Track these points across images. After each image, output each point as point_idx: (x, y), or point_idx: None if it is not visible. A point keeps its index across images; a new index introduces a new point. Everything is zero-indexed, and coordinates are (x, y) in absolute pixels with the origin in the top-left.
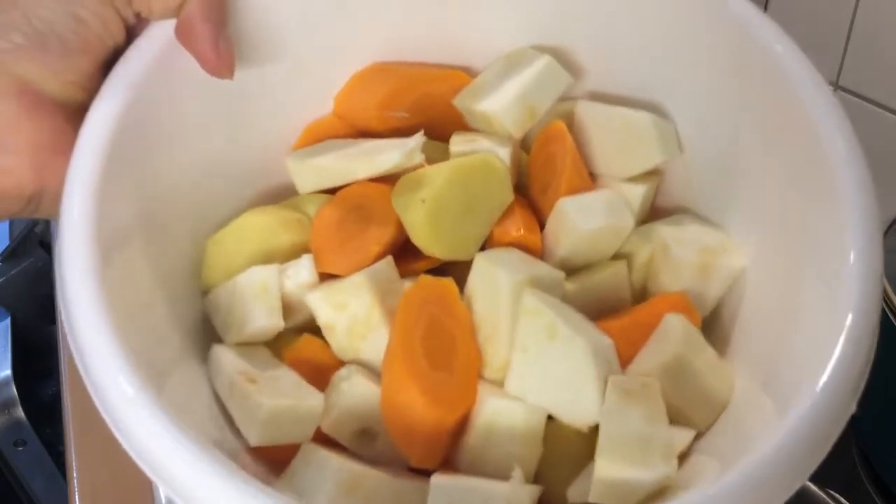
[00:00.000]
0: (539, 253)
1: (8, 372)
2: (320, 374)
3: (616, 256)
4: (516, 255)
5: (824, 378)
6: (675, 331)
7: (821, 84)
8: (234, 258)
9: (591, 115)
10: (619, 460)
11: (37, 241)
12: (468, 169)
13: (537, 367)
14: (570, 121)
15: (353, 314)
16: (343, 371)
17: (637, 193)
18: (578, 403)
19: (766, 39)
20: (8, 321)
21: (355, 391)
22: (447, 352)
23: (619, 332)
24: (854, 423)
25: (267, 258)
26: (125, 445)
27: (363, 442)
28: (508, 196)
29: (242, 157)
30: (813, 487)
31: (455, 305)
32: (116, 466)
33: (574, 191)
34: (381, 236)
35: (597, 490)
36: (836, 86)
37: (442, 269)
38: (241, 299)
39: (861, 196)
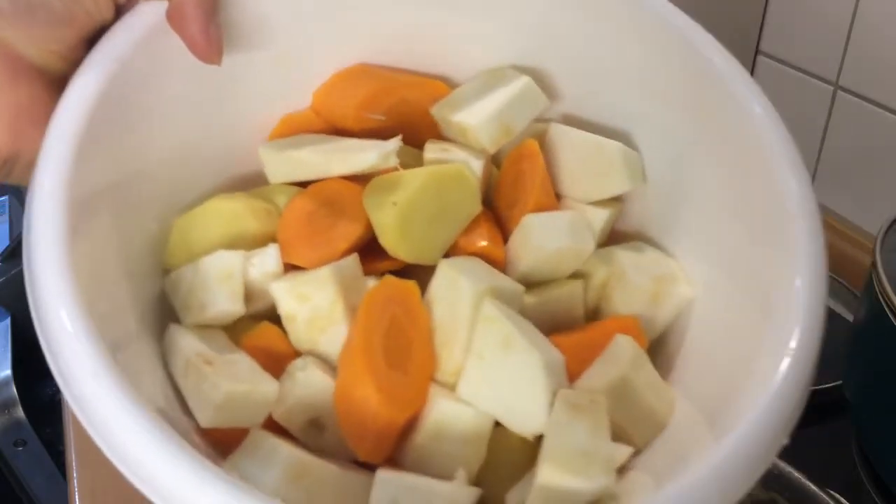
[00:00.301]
0: (501, 265)
1: (8, 372)
2: (275, 363)
3: (573, 275)
4: (479, 264)
5: (761, 408)
6: (624, 352)
7: (780, 126)
8: (199, 241)
9: (562, 138)
10: (562, 469)
11: None
12: (442, 177)
13: (490, 375)
14: (542, 141)
15: (316, 306)
16: (299, 361)
17: (600, 217)
18: (527, 413)
19: (731, 82)
20: (8, 321)
21: (310, 381)
22: (404, 352)
23: (569, 348)
24: (854, 424)
25: (232, 244)
26: (75, 408)
27: (312, 433)
28: (477, 207)
29: (217, 142)
30: (813, 487)
31: (416, 308)
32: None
33: (541, 209)
34: (349, 233)
35: (537, 496)
36: (836, 86)
37: (404, 271)
38: (204, 282)
39: (810, 238)
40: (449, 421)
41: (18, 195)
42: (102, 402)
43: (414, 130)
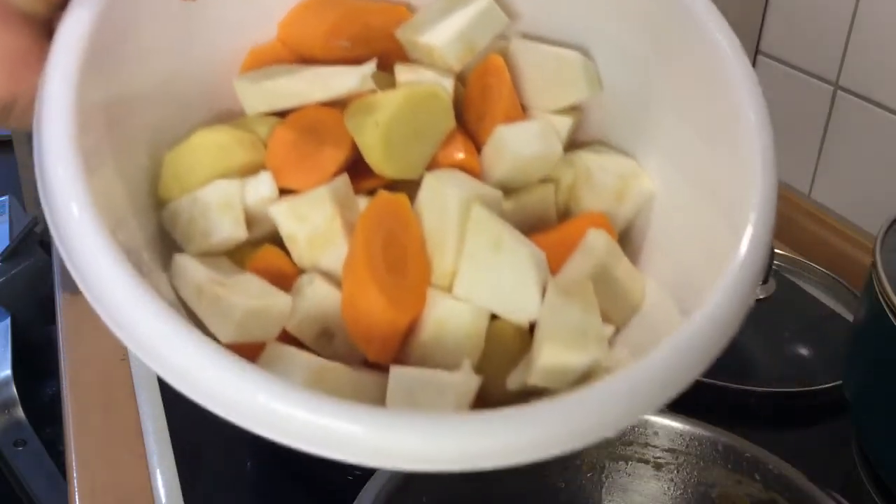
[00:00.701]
0: (478, 175)
1: (8, 372)
2: (281, 281)
3: (544, 180)
4: (460, 175)
5: (723, 289)
6: (598, 243)
7: (730, 34)
8: (190, 173)
9: (523, 53)
10: (560, 345)
11: (37, 241)
12: (418, 96)
13: (484, 273)
14: (504, 56)
15: (315, 225)
16: (305, 277)
17: (564, 124)
18: (521, 303)
19: None
20: (8, 321)
21: (318, 294)
22: (401, 261)
23: (547, 245)
24: (854, 424)
25: (224, 174)
26: (111, 325)
27: (323, 342)
28: (451, 123)
29: (194, 78)
30: (813, 487)
31: (408, 219)
32: (116, 466)
33: (509, 119)
34: (336, 156)
35: (538, 373)
36: (836, 86)
37: (388, 188)
38: (205, 211)
39: (761, 133)
40: (448, 318)
41: (18, 195)
42: (122, 294)
43: (380, 55)
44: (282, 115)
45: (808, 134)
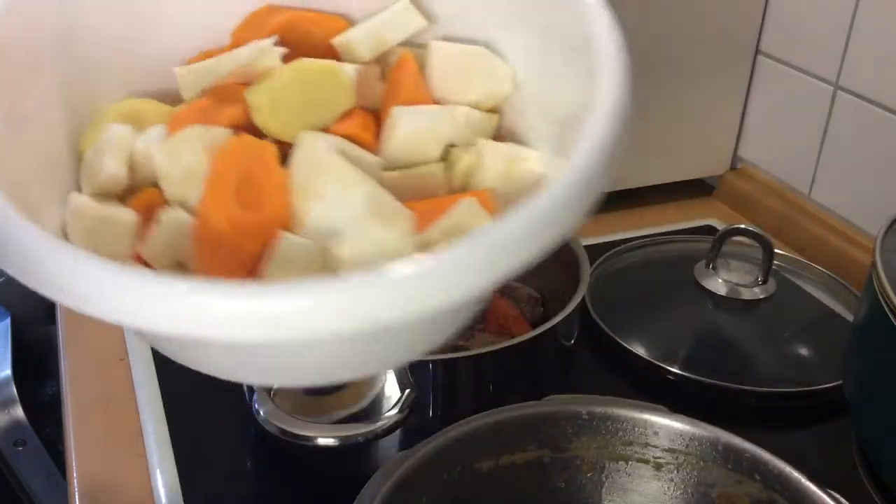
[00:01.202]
0: (371, 149)
1: (8, 372)
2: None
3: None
4: (341, 139)
5: (597, 138)
6: (464, 208)
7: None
8: (104, 128)
9: (437, 51)
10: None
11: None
12: (312, 70)
13: (331, 212)
14: (423, 57)
15: (187, 163)
16: (167, 208)
17: (467, 112)
18: (357, 237)
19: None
20: (8, 321)
21: (173, 223)
22: (257, 199)
23: (420, 210)
24: (854, 424)
25: (133, 124)
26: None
27: (176, 272)
28: (350, 102)
29: (148, 73)
30: (813, 487)
31: (271, 163)
32: (116, 466)
33: (410, 104)
34: (231, 114)
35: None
36: (836, 86)
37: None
38: (97, 154)
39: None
40: (293, 253)
41: None
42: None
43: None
44: None
45: (808, 134)
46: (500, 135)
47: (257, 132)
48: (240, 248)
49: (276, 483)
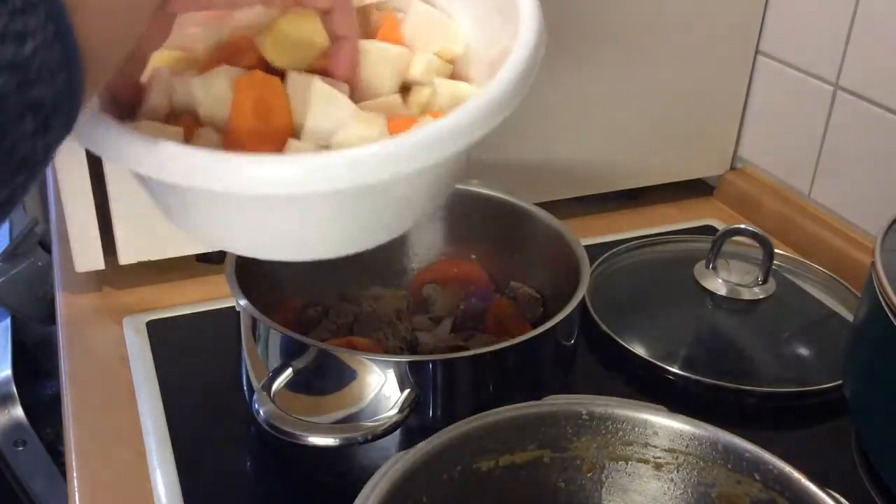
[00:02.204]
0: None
1: (8, 372)
2: (191, 133)
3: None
4: (320, 76)
5: (511, 71)
6: (426, 120)
7: None
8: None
9: (415, 10)
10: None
11: (37, 241)
12: (295, 17)
13: (322, 119)
14: (401, 18)
15: (218, 92)
16: (201, 129)
17: (430, 59)
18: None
19: None
20: (8, 321)
21: (205, 136)
22: (267, 115)
23: (390, 126)
24: (854, 424)
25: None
26: None
27: None
28: (324, 40)
29: None
30: (813, 487)
31: (278, 90)
32: (116, 466)
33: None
34: (246, 58)
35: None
36: (836, 86)
37: None
38: (149, 90)
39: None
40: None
41: None
42: None
43: None
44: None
45: (808, 134)
46: (452, 78)
47: (267, 70)
48: (258, 152)
49: (276, 483)
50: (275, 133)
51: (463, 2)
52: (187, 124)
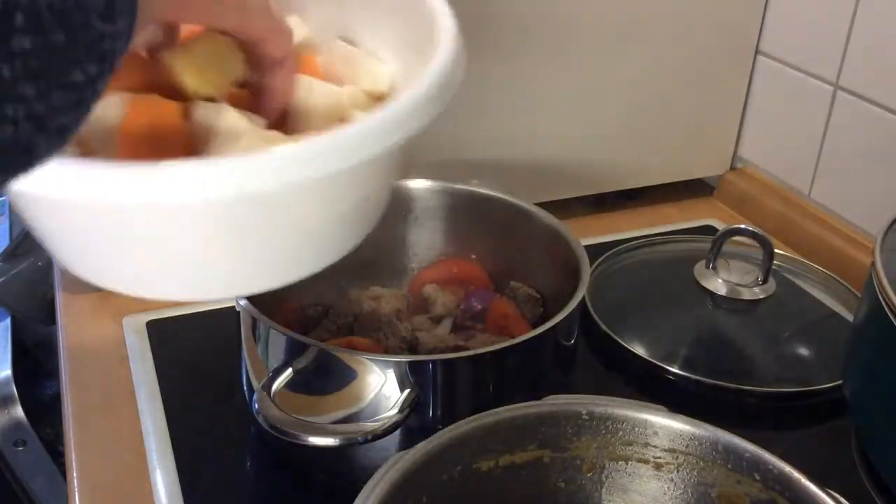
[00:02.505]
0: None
1: (8, 372)
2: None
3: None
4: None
5: (445, 55)
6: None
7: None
8: None
9: (339, 49)
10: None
11: (37, 241)
12: (212, 42)
13: (221, 147)
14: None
15: (108, 121)
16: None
17: (354, 92)
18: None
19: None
20: (8, 321)
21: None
22: (161, 143)
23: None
24: (854, 424)
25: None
26: None
27: None
28: (240, 69)
29: None
30: (813, 487)
31: (174, 115)
32: (116, 466)
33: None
34: (137, 79)
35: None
36: (836, 86)
37: None
38: None
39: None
40: None
41: None
42: None
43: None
44: None
45: (808, 134)
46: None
47: (164, 93)
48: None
49: (276, 483)
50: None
51: (384, 40)
52: (86, 149)
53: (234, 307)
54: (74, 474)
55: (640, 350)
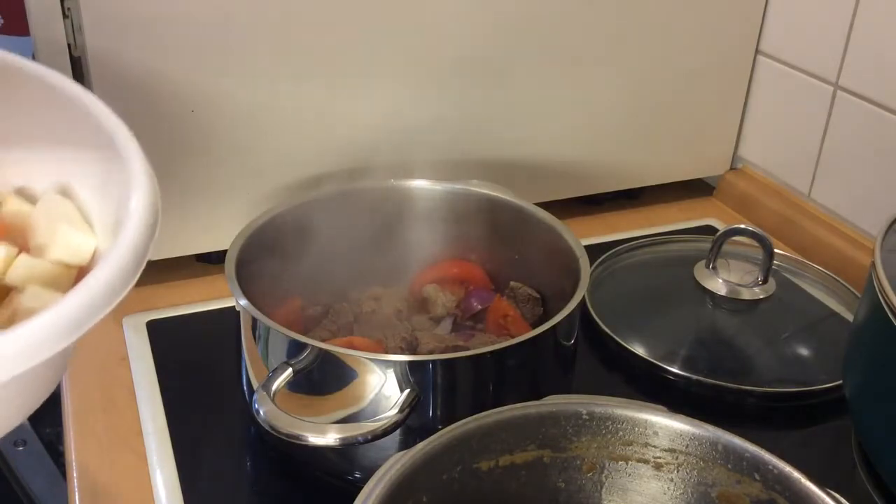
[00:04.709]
0: None
1: None
2: None
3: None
4: None
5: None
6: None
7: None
8: None
9: (38, 211)
10: None
11: None
12: None
13: None
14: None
15: None
16: None
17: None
18: None
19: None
20: None
21: None
22: None
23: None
24: (854, 424)
25: None
26: None
27: None
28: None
29: None
30: (813, 487)
31: None
32: (116, 466)
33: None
34: None
35: None
36: (836, 86)
37: None
38: None
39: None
40: None
41: None
42: None
43: None
44: None
45: (808, 134)
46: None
47: None
48: None
49: (276, 483)
50: None
51: (95, 196)
52: None
53: (234, 307)
54: (74, 474)
55: (640, 350)
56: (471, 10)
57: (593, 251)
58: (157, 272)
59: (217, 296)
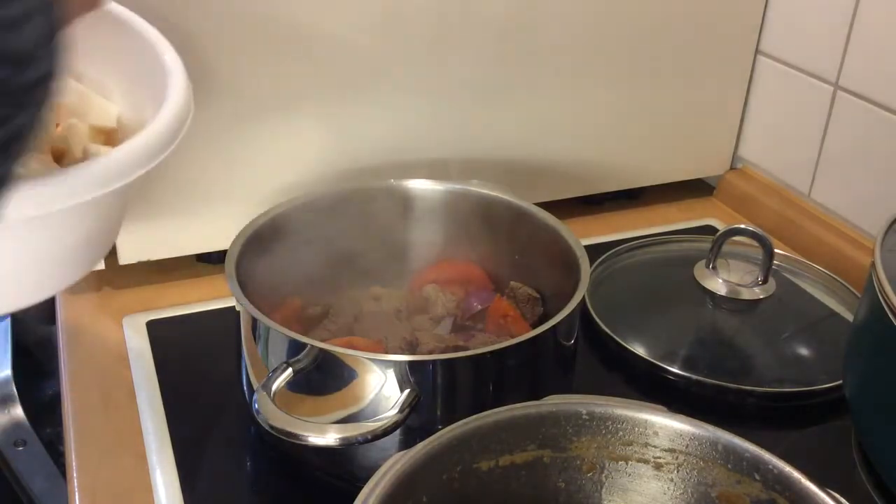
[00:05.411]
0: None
1: (8, 372)
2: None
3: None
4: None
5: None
6: None
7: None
8: None
9: (74, 90)
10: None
11: None
12: None
13: None
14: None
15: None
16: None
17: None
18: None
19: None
20: (8, 321)
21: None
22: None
23: None
24: (854, 424)
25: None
26: None
27: None
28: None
29: None
30: (813, 487)
31: None
32: (116, 466)
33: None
34: None
35: None
36: (836, 86)
37: None
38: None
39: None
40: None
41: None
42: None
43: None
44: None
45: (808, 134)
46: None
47: None
48: None
49: (276, 483)
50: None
51: (113, 76)
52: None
53: (234, 307)
54: (74, 474)
55: (640, 350)
56: (471, 10)
57: (593, 251)
58: (157, 272)
59: (217, 296)
